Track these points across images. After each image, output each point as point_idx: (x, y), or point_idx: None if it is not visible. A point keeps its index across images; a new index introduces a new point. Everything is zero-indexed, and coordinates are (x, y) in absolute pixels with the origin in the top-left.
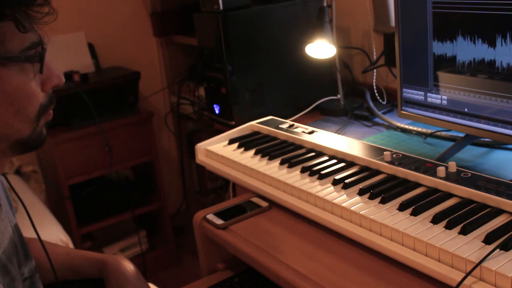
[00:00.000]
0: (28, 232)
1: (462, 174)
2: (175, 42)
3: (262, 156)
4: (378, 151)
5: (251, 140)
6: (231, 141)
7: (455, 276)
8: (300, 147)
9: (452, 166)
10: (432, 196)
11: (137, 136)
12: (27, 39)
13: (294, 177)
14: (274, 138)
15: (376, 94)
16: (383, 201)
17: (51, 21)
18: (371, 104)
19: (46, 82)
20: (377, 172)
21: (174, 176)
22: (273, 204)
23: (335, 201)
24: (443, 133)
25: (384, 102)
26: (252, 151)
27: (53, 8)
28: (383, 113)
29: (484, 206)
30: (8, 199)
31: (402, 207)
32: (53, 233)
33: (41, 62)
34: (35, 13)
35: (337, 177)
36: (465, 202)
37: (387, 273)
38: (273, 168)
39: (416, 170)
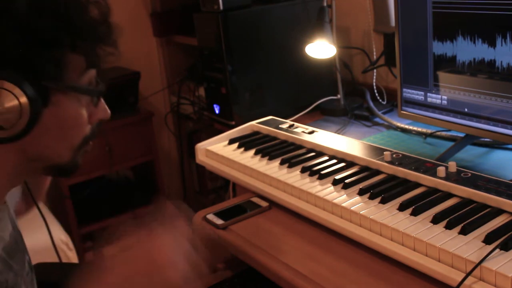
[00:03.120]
0: (29, 235)
1: (462, 174)
2: (175, 42)
3: (262, 156)
4: (378, 151)
5: (251, 140)
6: (231, 141)
7: (455, 276)
8: (300, 147)
9: (452, 166)
10: (432, 196)
11: (137, 136)
12: (91, 73)
13: (294, 177)
14: (274, 138)
15: (376, 94)
16: (383, 201)
17: (111, 62)
18: (371, 104)
19: (93, 115)
20: (377, 172)
21: (174, 176)
22: (273, 204)
23: (335, 201)
24: (443, 133)
25: (384, 102)
26: (252, 151)
27: (118, 51)
28: (383, 113)
29: (484, 206)
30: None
31: (402, 207)
32: (53, 233)
33: (99, 97)
34: (102, 50)
35: (337, 177)
36: (465, 202)
37: (387, 273)
38: (273, 168)
39: (416, 170)
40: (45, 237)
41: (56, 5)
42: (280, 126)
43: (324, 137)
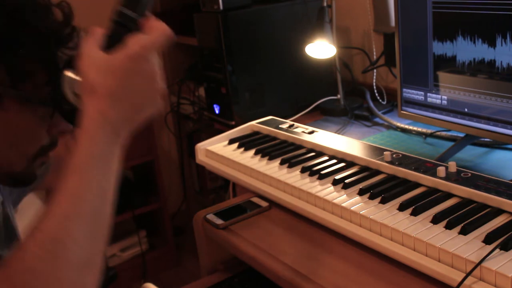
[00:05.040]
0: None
1: (462, 174)
2: (175, 42)
3: (262, 156)
4: (378, 151)
5: (251, 140)
6: (231, 141)
7: (455, 276)
8: (300, 147)
9: (452, 166)
10: (432, 196)
11: (137, 136)
12: (48, 81)
13: (294, 177)
14: (274, 138)
15: (376, 94)
16: (383, 201)
17: (73, 67)
18: (371, 104)
19: (54, 126)
20: (377, 172)
21: (174, 176)
22: (273, 204)
23: (335, 201)
24: (443, 133)
25: (384, 102)
26: (252, 151)
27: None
28: (383, 113)
29: (484, 206)
30: None
31: (402, 207)
32: None
33: (54, 109)
34: (64, 55)
35: (337, 177)
36: (465, 202)
37: (387, 273)
38: (273, 168)
39: (416, 170)
40: None
41: (12, 7)
42: (280, 126)
43: (324, 137)
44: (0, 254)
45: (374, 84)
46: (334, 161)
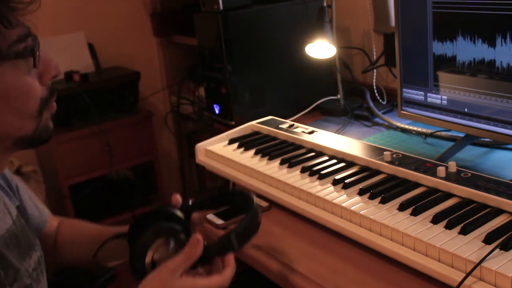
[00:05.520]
0: None
1: (462, 174)
2: (175, 42)
3: (262, 156)
4: (378, 151)
5: (251, 140)
6: (231, 141)
7: (455, 276)
8: (300, 147)
9: (452, 166)
10: (432, 196)
11: (137, 136)
12: (14, 33)
13: (294, 177)
14: (274, 138)
15: (376, 94)
16: (383, 201)
17: (35, 9)
18: (371, 104)
19: (43, 75)
20: (377, 172)
21: (174, 176)
22: (273, 204)
23: (335, 201)
24: (443, 133)
25: (384, 102)
26: (252, 151)
27: None
28: (383, 113)
29: (484, 206)
30: (11, 189)
31: (402, 207)
32: None
33: (33, 56)
34: (17, 4)
35: (337, 177)
36: (465, 202)
37: (387, 273)
38: (273, 168)
39: (416, 170)
40: None
41: None
42: (280, 126)
43: (324, 137)
44: (18, 268)
45: (374, 84)
46: (334, 161)
